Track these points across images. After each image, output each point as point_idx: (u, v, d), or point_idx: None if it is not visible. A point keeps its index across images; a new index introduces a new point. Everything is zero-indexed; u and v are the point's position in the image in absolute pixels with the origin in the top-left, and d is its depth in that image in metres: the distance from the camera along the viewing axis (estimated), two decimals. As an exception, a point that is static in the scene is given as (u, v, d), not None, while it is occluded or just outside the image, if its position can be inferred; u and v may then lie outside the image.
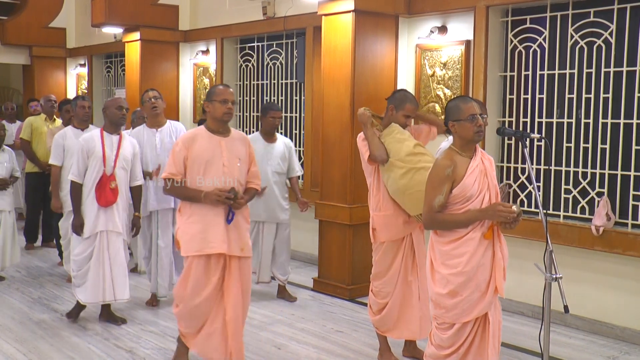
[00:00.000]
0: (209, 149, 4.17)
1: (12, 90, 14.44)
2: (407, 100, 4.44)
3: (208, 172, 4.15)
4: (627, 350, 4.96)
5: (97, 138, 5.22)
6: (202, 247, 4.12)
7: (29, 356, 4.76)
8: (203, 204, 4.12)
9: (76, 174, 5.20)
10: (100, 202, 5.14)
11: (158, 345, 4.98)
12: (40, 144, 8.10)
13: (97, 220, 5.17)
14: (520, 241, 5.50)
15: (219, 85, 4.35)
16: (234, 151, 4.24)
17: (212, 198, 4.08)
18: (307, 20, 7.30)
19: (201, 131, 4.25)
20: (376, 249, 4.52)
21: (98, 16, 8.79)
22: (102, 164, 5.16)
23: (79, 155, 5.20)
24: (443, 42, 6.19)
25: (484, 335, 3.50)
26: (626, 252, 5.04)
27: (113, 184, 5.18)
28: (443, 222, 3.45)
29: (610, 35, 5.24)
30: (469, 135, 3.44)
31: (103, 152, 5.17)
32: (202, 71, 9.15)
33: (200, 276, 4.16)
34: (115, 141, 5.26)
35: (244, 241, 4.24)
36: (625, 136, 5.21)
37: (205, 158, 4.16)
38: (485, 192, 3.46)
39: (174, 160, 4.19)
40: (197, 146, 4.17)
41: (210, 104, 4.19)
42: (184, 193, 4.20)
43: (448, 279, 3.44)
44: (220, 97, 4.16)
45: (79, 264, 5.25)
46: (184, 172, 4.19)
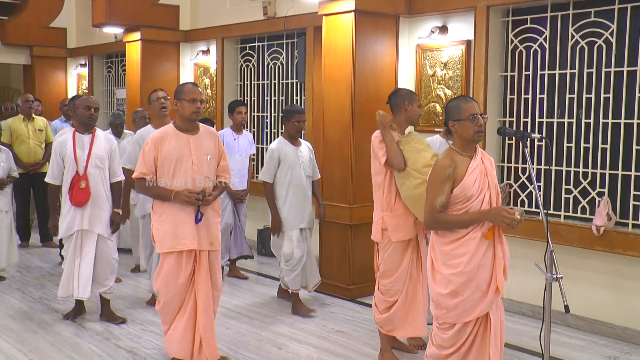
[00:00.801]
0: (177, 148, 4.27)
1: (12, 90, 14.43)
2: (413, 93, 4.64)
3: (178, 170, 4.27)
4: (628, 350, 4.96)
5: (69, 139, 5.30)
6: (174, 244, 4.27)
7: (29, 356, 4.76)
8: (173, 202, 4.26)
9: (51, 176, 5.34)
10: (73, 202, 5.23)
11: (158, 345, 4.98)
12: (22, 145, 8.11)
13: (73, 220, 5.26)
14: (520, 241, 5.50)
15: (188, 83, 4.42)
16: (203, 148, 4.34)
17: (181, 198, 4.22)
18: (307, 20, 7.30)
19: (170, 130, 4.33)
20: (383, 248, 4.54)
21: (99, 16, 8.79)
22: (74, 165, 5.24)
23: (54, 157, 5.32)
24: (443, 42, 6.19)
25: (485, 335, 3.50)
26: (627, 252, 5.04)
27: (83, 184, 5.22)
28: (445, 222, 3.46)
29: (610, 35, 5.24)
30: (469, 135, 3.45)
31: (74, 153, 5.25)
32: (202, 71, 9.16)
33: (171, 271, 4.31)
34: (87, 141, 5.30)
35: (213, 235, 4.38)
36: (626, 136, 5.21)
37: (175, 157, 4.27)
38: (486, 191, 3.47)
39: (144, 160, 4.30)
40: (167, 145, 4.27)
41: (179, 103, 4.28)
42: (155, 192, 4.31)
43: (449, 279, 3.44)
44: (189, 96, 4.25)
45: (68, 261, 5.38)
46: (154, 171, 4.30)
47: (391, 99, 4.61)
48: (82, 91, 11.79)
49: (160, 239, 4.32)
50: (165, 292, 4.35)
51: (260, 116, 8.50)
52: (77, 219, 5.25)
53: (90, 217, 5.25)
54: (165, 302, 4.37)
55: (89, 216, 5.25)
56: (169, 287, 4.33)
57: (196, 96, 4.26)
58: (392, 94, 4.64)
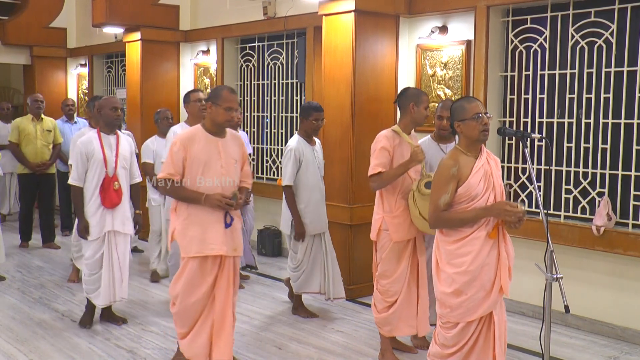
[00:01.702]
0: (207, 150, 4.13)
1: (12, 90, 14.44)
2: (421, 93, 4.55)
3: (206, 173, 4.12)
4: (628, 350, 4.96)
5: (95, 140, 5.18)
6: (202, 249, 4.12)
7: (29, 356, 4.76)
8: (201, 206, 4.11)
9: (76, 178, 5.17)
10: (106, 204, 5.13)
11: (159, 345, 4.98)
12: (29, 145, 8.08)
13: (103, 221, 5.15)
14: (520, 241, 5.50)
15: (226, 88, 4.18)
16: (231, 152, 4.23)
17: (213, 203, 4.07)
18: (307, 20, 7.30)
19: (199, 132, 4.19)
20: (381, 248, 4.53)
21: (99, 16, 8.78)
22: (103, 166, 5.13)
23: (78, 158, 5.16)
24: (444, 42, 6.19)
25: (488, 335, 3.51)
26: (627, 252, 5.04)
27: (116, 185, 5.17)
28: (449, 220, 3.46)
29: (611, 35, 5.24)
30: (474, 135, 3.46)
31: (103, 154, 5.15)
32: (202, 71, 9.15)
33: (195, 276, 4.16)
34: (113, 141, 5.24)
35: (237, 241, 4.26)
36: (626, 136, 5.21)
37: (204, 159, 4.12)
38: (490, 191, 3.48)
39: (172, 160, 4.13)
40: (196, 147, 4.12)
41: (214, 107, 4.11)
42: (183, 194, 4.15)
43: (453, 278, 3.45)
44: (225, 104, 4.08)
45: (91, 268, 5.20)
46: (182, 172, 4.14)
47: (399, 99, 4.58)
48: (82, 91, 11.79)
49: (186, 243, 4.14)
50: (186, 297, 4.17)
51: (260, 116, 8.50)
52: (108, 220, 5.16)
53: (121, 217, 5.20)
54: (184, 307, 4.19)
55: (120, 217, 5.20)
56: (192, 292, 4.16)
57: (233, 105, 4.09)
58: (400, 94, 4.60)
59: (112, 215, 5.17)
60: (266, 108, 8.38)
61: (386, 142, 4.42)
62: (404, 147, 4.45)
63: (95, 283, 5.21)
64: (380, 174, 4.38)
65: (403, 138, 4.47)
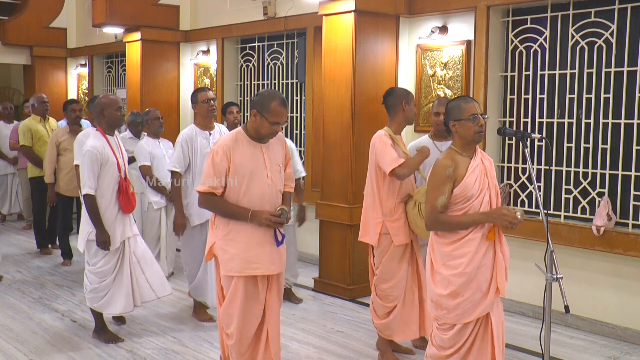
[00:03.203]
0: (252, 159, 3.74)
1: (12, 90, 14.45)
2: (409, 92, 4.58)
3: (252, 184, 3.72)
4: (628, 350, 4.96)
5: (105, 144, 4.80)
6: (244, 268, 3.73)
7: (29, 356, 4.76)
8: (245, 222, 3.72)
9: (91, 186, 4.71)
10: (126, 209, 4.84)
11: (159, 345, 4.98)
12: (44, 146, 7.84)
13: (122, 228, 4.86)
14: (520, 241, 5.50)
15: (277, 99, 3.68)
16: (274, 158, 3.85)
17: (261, 222, 3.69)
18: (307, 20, 7.30)
19: (241, 137, 3.77)
20: (380, 253, 4.50)
21: (99, 16, 8.79)
22: (116, 170, 4.81)
23: (93, 166, 4.70)
24: (444, 42, 6.19)
25: (485, 336, 3.50)
26: (627, 252, 5.03)
27: (132, 188, 4.94)
28: (446, 223, 3.45)
29: (611, 35, 5.24)
30: (469, 135, 3.45)
31: (115, 157, 4.83)
32: (202, 71, 9.16)
33: (249, 297, 3.80)
34: (115, 143, 4.94)
35: (284, 256, 3.91)
36: (626, 136, 5.21)
37: (250, 169, 3.72)
38: (486, 191, 3.47)
39: (214, 172, 3.70)
40: (240, 155, 3.72)
41: (260, 118, 3.69)
42: (227, 210, 3.73)
43: (449, 279, 3.44)
44: (273, 119, 3.67)
45: (102, 275, 4.86)
46: (224, 185, 3.73)
47: (387, 99, 4.56)
48: (82, 91, 11.80)
49: (227, 260, 3.74)
50: (243, 324, 3.79)
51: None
52: (126, 227, 4.89)
53: (129, 222, 4.95)
54: (241, 337, 3.80)
55: (128, 221, 4.95)
56: (249, 319, 3.80)
57: (280, 120, 3.68)
58: (388, 94, 4.58)
59: (123, 222, 4.87)
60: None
61: (388, 140, 4.42)
62: (399, 150, 4.45)
63: (103, 290, 4.87)
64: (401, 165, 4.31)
65: (397, 143, 4.46)
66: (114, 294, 4.87)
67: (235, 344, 3.82)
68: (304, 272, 7.14)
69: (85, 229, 4.86)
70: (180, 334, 5.22)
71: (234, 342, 3.82)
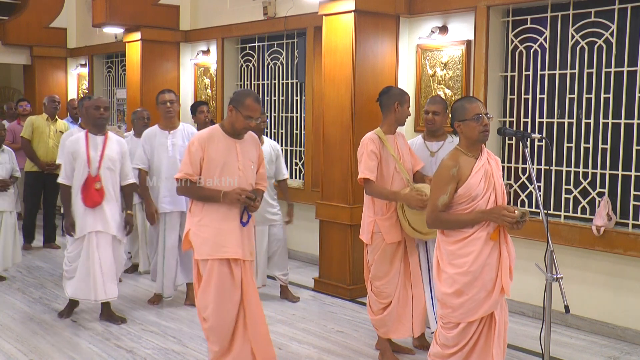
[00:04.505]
0: (225, 151, 4.06)
1: (12, 90, 14.45)
2: (404, 93, 4.58)
3: (223, 174, 4.04)
4: (628, 350, 4.96)
5: (82, 140, 5.28)
6: (215, 251, 3.99)
7: (29, 356, 4.76)
8: (217, 206, 4.01)
9: (64, 176, 5.31)
10: (87, 203, 5.20)
11: (159, 345, 4.98)
12: (41, 143, 8.11)
13: (85, 221, 5.22)
14: (521, 241, 5.50)
15: (251, 96, 4.04)
16: (247, 154, 4.15)
17: (232, 197, 3.97)
18: (307, 20, 7.30)
19: (217, 132, 4.11)
20: (372, 250, 4.54)
21: (99, 16, 8.79)
22: (86, 166, 5.21)
23: (66, 158, 5.30)
24: (444, 42, 6.19)
25: (489, 335, 3.51)
26: (627, 252, 5.03)
27: (98, 185, 5.22)
28: (446, 221, 3.47)
29: (611, 35, 5.24)
30: (474, 135, 3.46)
31: (87, 154, 5.22)
32: (202, 71, 9.16)
33: (224, 281, 4.00)
34: (100, 142, 5.29)
35: (252, 245, 4.18)
36: (626, 136, 5.21)
37: (222, 160, 4.05)
38: (491, 192, 3.48)
39: (190, 160, 4.06)
40: (214, 147, 4.05)
41: (235, 112, 4.02)
42: (201, 193, 4.05)
43: (454, 278, 3.45)
44: (246, 113, 3.99)
45: (71, 259, 5.35)
46: (199, 172, 4.06)
47: (381, 98, 4.58)
48: (82, 91, 11.80)
49: (199, 245, 4.01)
50: (219, 307, 3.98)
51: (260, 116, 8.49)
52: (90, 220, 5.22)
53: (102, 218, 5.24)
54: (218, 320, 3.99)
55: (102, 217, 5.23)
56: (225, 302, 3.98)
57: (253, 114, 4.00)
58: (383, 93, 4.60)
59: (94, 216, 5.22)
60: (266, 108, 8.37)
61: (373, 146, 4.44)
62: (386, 152, 4.46)
63: (72, 272, 5.34)
64: (369, 181, 4.39)
65: (385, 145, 4.46)
66: (74, 278, 5.32)
67: (211, 327, 4.03)
68: (304, 272, 7.15)
69: None
70: (180, 334, 5.22)
71: (209, 326, 4.03)
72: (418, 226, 4.36)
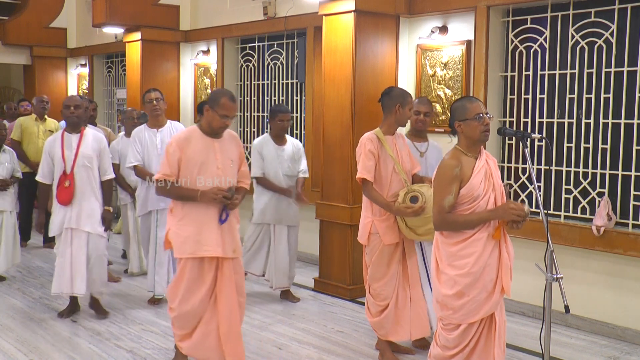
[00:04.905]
0: (203, 151, 4.15)
1: (12, 90, 14.44)
2: (407, 94, 4.53)
3: (202, 174, 4.14)
4: (628, 350, 4.96)
5: (58, 140, 5.41)
6: (196, 250, 4.10)
7: (29, 356, 4.76)
8: (196, 205, 4.11)
9: (41, 174, 5.47)
10: (59, 201, 5.35)
11: (159, 345, 4.98)
12: (30, 144, 8.15)
13: (62, 218, 5.36)
14: (521, 241, 5.50)
15: (226, 95, 4.14)
16: (227, 153, 4.22)
17: (209, 196, 4.06)
18: (307, 20, 7.30)
19: (195, 132, 4.21)
20: (370, 252, 4.53)
21: (99, 16, 8.80)
22: (62, 164, 5.34)
23: (44, 157, 5.43)
24: (444, 42, 6.19)
25: (489, 335, 3.50)
26: (627, 252, 5.03)
27: (67, 183, 5.33)
28: (454, 222, 3.44)
29: (611, 35, 5.24)
30: (475, 135, 3.45)
31: (62, 152, 5.33)
32: (203, 71, 9.16)
33: (194, 278, 4.16)
34: (74, 140, 5.39)
35: (236, 243, 4.24)
36: (626, 136, 5.21)
37: (200, 160, 4.13)
38: (491, 192, 3.47)
39: (168, 161, 4.15)
40: (192, 148, 4.14)
41: (211, 112, 4.12)
42: (179, 193, 4.15)
43: (455, 279, 3.43)
44: (222, 112, 4.08)
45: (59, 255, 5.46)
46: (177, 173, 4.15)
47: (383, 99, 4.56)
48: (82, 91, 11.79)
49: (179, 243, 4.13)
50: (186, 299, 4.17)
51: (260, 116, 8.50)
52: (66, 217, 5.34)
53: (77, 215, 5.34)
54: (183, 311, 4.19)
55: (77, 214, 5.33)
56: (190, 296, 4.16)
57: (229, 113, 4.08)
58: (385, 93, 4.58)
59: (69, 213, 5.33)
60: (266, 108, 8.38)
61: (371, 146, 4.44)
62: (385, 153, 4.46)
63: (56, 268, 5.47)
64: (366, 181, 4.41)
65: (384, 145, 4.46)
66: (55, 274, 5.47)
67: (175, 318, 4.25)
68: (304, 272, 7.15)
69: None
70: (180, 334, 5.22)
71: (174, 316, 4.25)
72: (415, 226, 4.36)
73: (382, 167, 4.45)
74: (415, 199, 4.27)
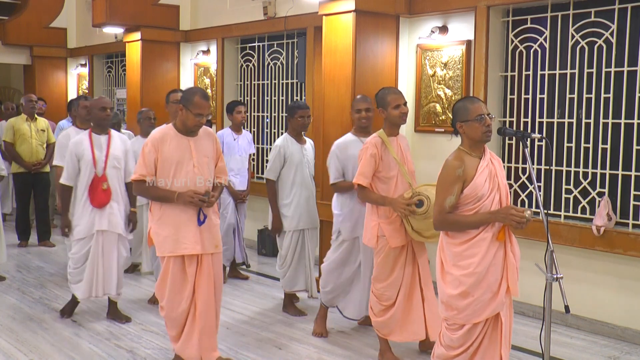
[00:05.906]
0: (178, 150, 4.19)
1: (12, 90, 14.44)
2: (386, 95, 4.55)
3: (178, 172, 4.19)
4: (628, 350, 4.96)
5: (86, 141, 5.30)
6: (175, 248, 4.19)
7: (29, 356, 4.76)
8: (173, 205, 4.17)
9: (66, 177, 5.32)
10: (94, 204, 5.24)
11: (159, 345, 4.98)
12: (24, 144, 8.15)
13: (92, 221, 5.26)
14: (521, 241, 5.44)
15: (198, 93, 4.18)
16: (203, 150, 4.28)
17: (185, 199, 4.13)
18: (307, 20, 7.30)
19: (170, 131, 4.24)
20: (377, 253, 4.53)
21: (99, 16, 8.79)
22: (92, 166, 5.24)
23: (69, 159, 5.30)
24: (444, 42, 6.18)
25: (493, 335, 3.50)
26: (627, 252, 5.03)
27: (105, 185, 5.26)
28: (454, 223, 3.45)
29: (611, 35, 5.24)
30: (477, 136, 3.45)
31: (92, 154, 5.26)
32: (203, 71, 9.16)
33: (177, 275, 4.24)
34: (104, 141, 5.33)
35: (217, 238, 4.32)
36: (626, 136, 5.21)
37: (176, 159, 4.19)
38: (496, 192, 3.47)
39: (144, 161, 4.20)
40: (167, 147, 4.18)
41: (185, 111, 4.16)
42: (156, 194, 4.21)
43: (460, 280, 3.43)
44: (196, 110, 4.13)
45: (76, 262, 5.36)
46: (154, 172, 4.20)
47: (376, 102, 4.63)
48: (82, 91, 11.79)
49: (159, 242, 4.23)
50: (171, 299, 4.27)
51: (260, 116, 8.51)
52: (97, 219, 5.25)
53: (109, 217, 5.28)
54: (172, 310, 4.29)
55: (108, 216, 5.27)
56: (176, 294, 4.26)
57: (203, 112, 4.14)
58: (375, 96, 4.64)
59: (101, 215, 5.26)
60: (266, 108, 8.38)
61: (374, 150, 4.45)
62: (389, 156, 4.47)
63: (79, 275, 5.36)
64: (362, 187, 4.42)
65: (388, 147, 4.47)
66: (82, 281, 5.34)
67: (166, 316, 4.34)
68: (304, 272, 7.14)
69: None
70: (180, 334, 5.22)
71: (165, 314, 4.33)
72: (421, 229, 4.35)
73: (386, 170, 4.46)
74: (421, 202, 4.25)
